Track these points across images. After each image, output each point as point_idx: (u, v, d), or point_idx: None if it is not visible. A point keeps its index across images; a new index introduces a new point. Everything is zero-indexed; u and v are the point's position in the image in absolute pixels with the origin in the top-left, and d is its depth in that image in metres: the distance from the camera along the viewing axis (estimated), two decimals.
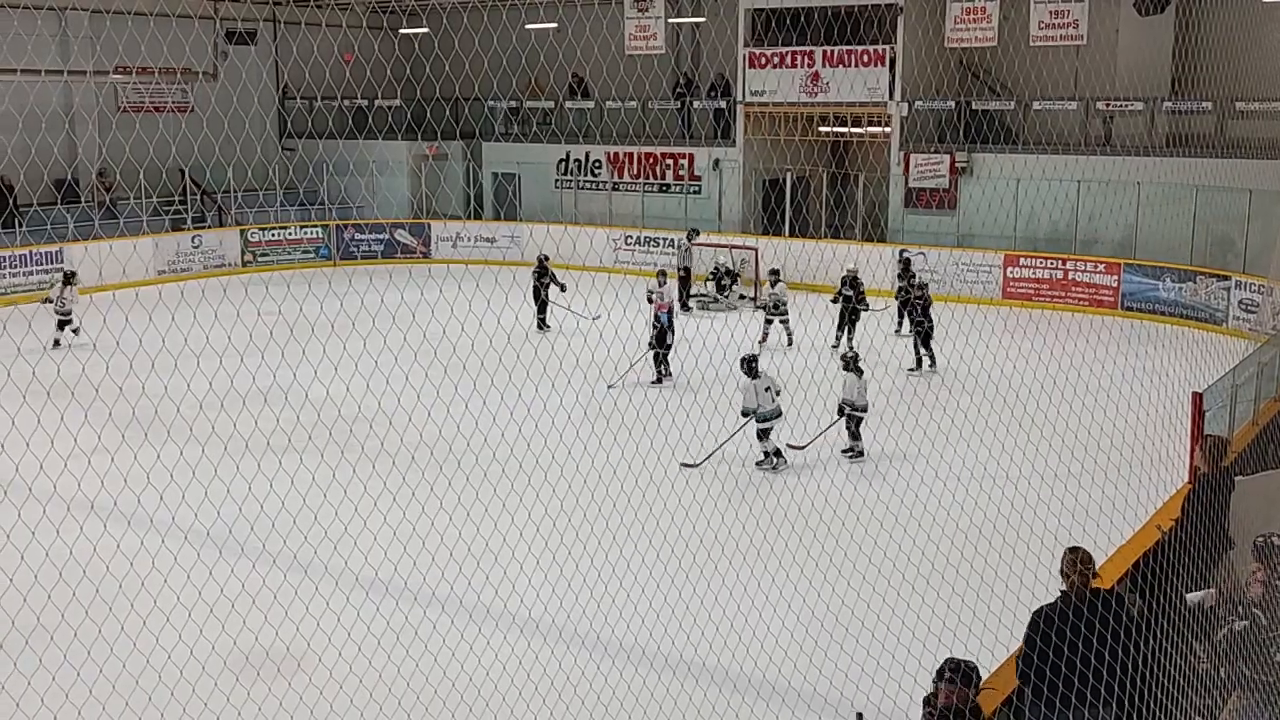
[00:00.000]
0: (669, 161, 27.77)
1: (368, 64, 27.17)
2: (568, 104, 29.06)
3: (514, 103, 29.49)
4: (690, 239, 23.44)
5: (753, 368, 13.09)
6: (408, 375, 10.05)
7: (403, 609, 8.99)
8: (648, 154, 27.83)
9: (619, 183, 28.39)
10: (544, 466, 11.35)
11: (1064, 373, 14.23)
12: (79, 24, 25.11)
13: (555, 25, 26.25)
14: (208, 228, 26.88)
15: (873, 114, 25.02)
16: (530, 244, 26.50)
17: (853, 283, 18.76)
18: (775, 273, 20.03)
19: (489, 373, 14.34)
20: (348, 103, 28.69)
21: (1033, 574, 7.70)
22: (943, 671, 5.39)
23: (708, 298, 23.10)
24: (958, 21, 23.69)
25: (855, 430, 13.52)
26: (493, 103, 29.44)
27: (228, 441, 10.93)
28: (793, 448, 13.40)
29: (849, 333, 18.63)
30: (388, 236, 28.70)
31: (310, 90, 28.80)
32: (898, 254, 23.63)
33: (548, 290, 20.33)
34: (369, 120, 29.01)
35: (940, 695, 5.34)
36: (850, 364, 13.53)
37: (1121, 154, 21.76)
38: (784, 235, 25.48)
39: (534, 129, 28.95)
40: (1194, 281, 21.11)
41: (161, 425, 11.41)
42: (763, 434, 13.13)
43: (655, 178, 27.98)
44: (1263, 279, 19.63)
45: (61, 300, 19.03)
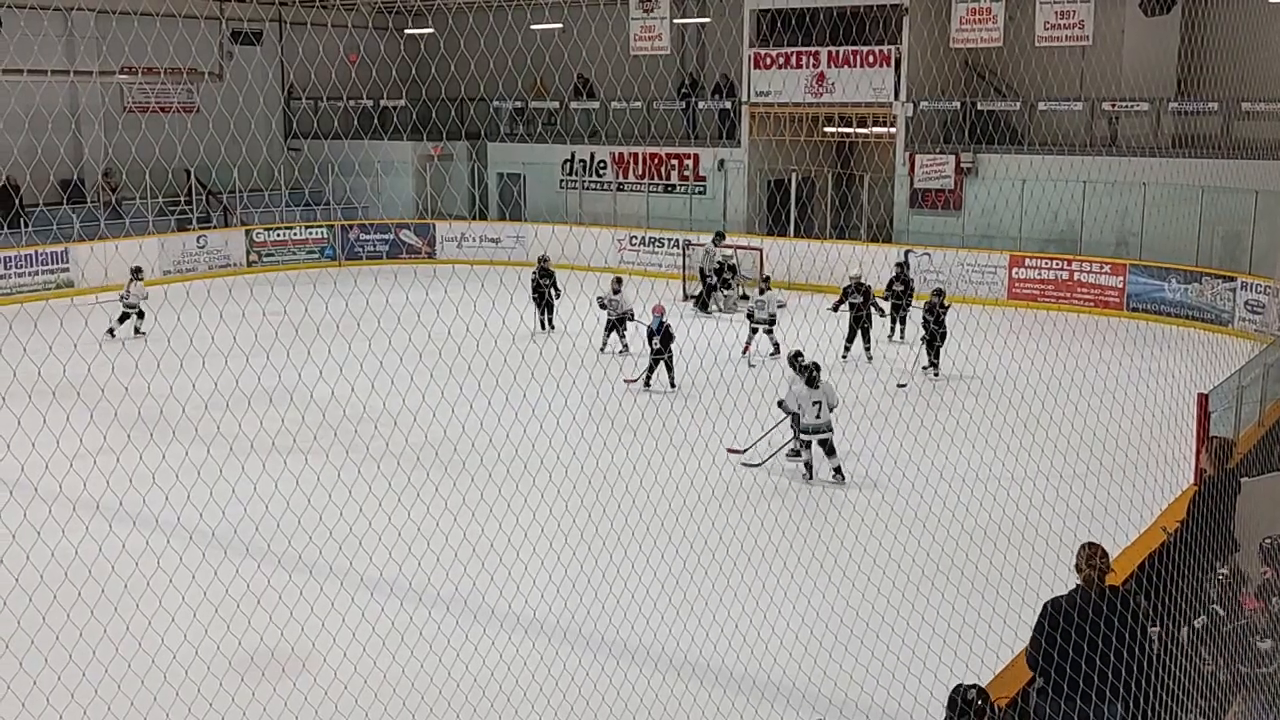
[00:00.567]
0: (674, 162, 27.77)
1: (373, 64, 27.18)
2: (573, 104, 29.07)
3: (519, 103, 29.52)
4: (716, 242, 23.08)
5: (812, 374, 12.46)
6: (412, 376, 10.06)
7: (407, 609, 8.99)
8: (652, 154, 27.83)
9: (624, 183, 28.38)
10: (548, 467, 11.35)
11: (1069, 374, 14.21)
12: (85, 24, 25.16)
13: (560, 26, 26.24)
14: (213, 228, 26.92)
15: (878, 114, 25.01)
16: (535, 244, 26.52)
17: (859, 289, 17.90)
18: (766, 280, 19.71)
19: (493, 373, 14.36)
20: (353, 103, 28.71)
21: (1038, 575, 7.70)
22: (954, 703, 5.34)
23: (728, 296, 22.90)
24: (963, 22, 23.66)
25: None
26: (498, 103, 29.45)
27: (233, 442, 10.95)
28: (732, 451, 13.20)
29: (864, 341, 17.92)
30: (392, 237, 28.71)
31: (315, 90, 28.82)
32: (902, 255, 23.72)
33: (551, 291, 20.28)
34: (374, 120, 29.06)
35: None
36: (794, 362, 13.43)
37: (1127, 155, 21.74)
38: (789, 236, 25.47)
39: (539, 129, 28.97)
40: (1200, 282, 21.08)
41: (167, 425, 11.41)
42: (805, 445, 12.76)
43: (660, 178, 27.98)
44: (1269, 280, 19.60)
45: (129, 294, 19.17)
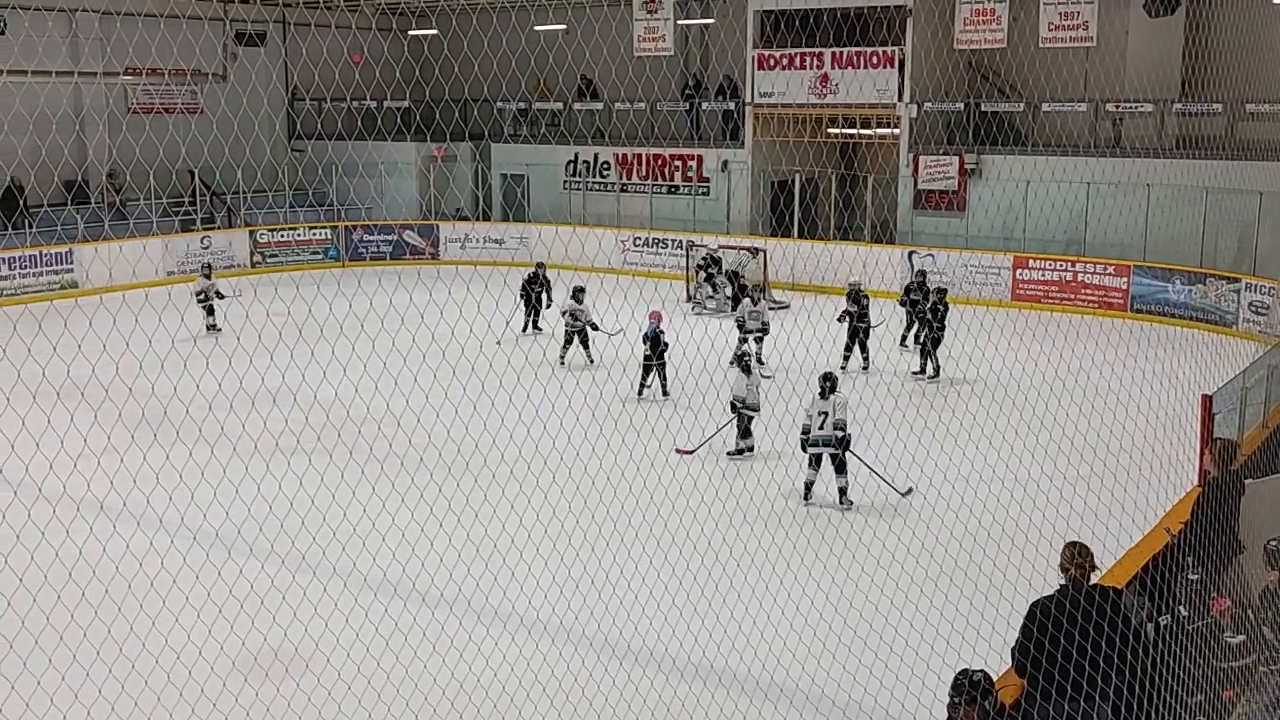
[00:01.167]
0: (677, 163, 27.77)
1: (377, 65, 27.24)
2: (576, 105, 29.08)
3: (523, 104, 29.55)
4: (752, 256, 22.88)
5: (826, 384, 12.11)
6: (416, 376, 10.04)
7: (411, 610, 8.99)
8: (656, 155, 27.83)
9: (627, 184, 28.39)
10: (552, 468, 11.36)
11: (1073, 375, 14.21)
12: (89, 25, 25.18)
13: (564, 27, 26.25)
14: (217, 229, 26.95)
15: (882, 116, 25.00)
16: (539, 245, 26.54)
17: (856, 297, 17.50)
18: (761, 289, 19.46)
19: (497, 374, 14.38)
20: (357, 104, 28.74)
21: (1041, 576, 7.68)
22: (961, 686, 5.34)
23: (714, 298, 22.91)
24: (967, 23, 23.65)
25: (746, 428, 13.46)
26: (501, 104, 29.47)
27: (236, 442, 10.96)
28: (681, 452, 13.20)
29: (862, 350, 17.56)
30: (396, 238, 28.73)
31: (319, 91, 28.88)
32: (906, 256, 23.70)
33: (539, 298, 20.16)
34: (378, 122, 29.10)
35: (960, 713, 5.30)
36: (741, 362, 13.40)
37: (1131, 156, 21.74)
38: (792, 237, 25.47)
39: (542, 130, 28.99)
40: (1204, 284, 21.06)
41: (170, 426, 11.42)
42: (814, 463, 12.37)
43: (664, 179, 27.98)
44: (1273, 281, 19.58)
45: (205, 291, 19.84)
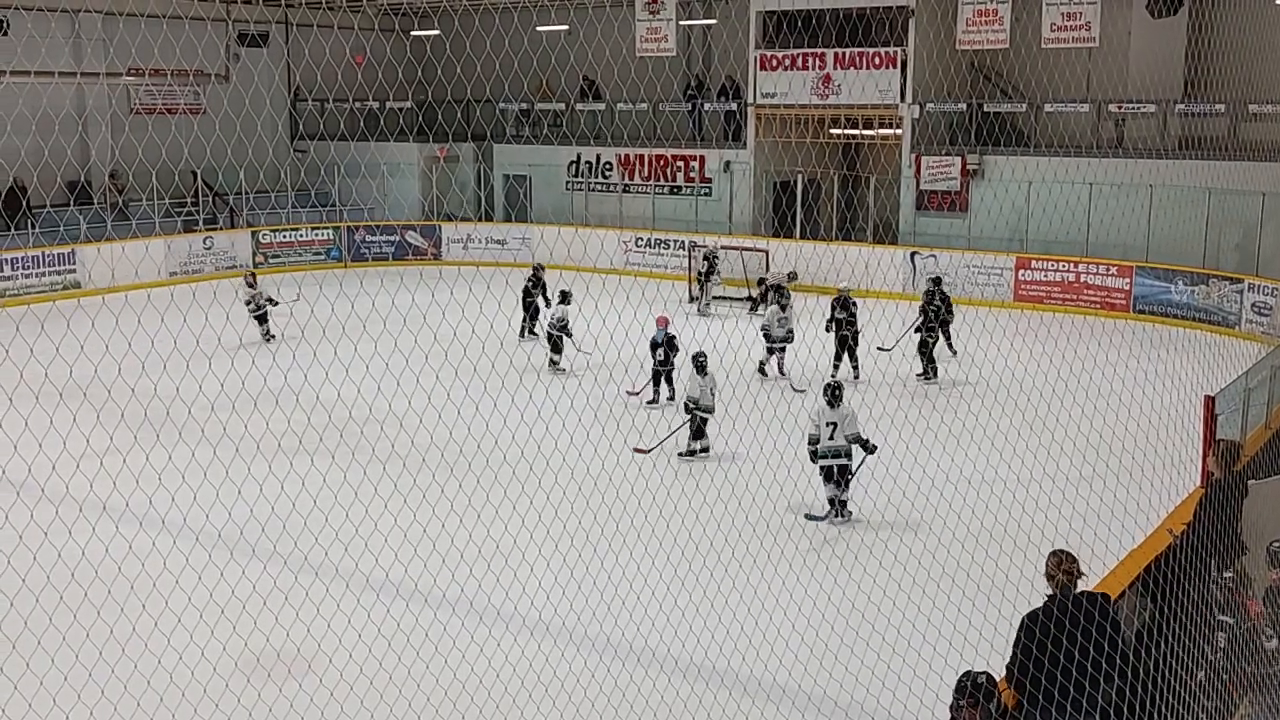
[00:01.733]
0: (680, 163, 27.76)
1: (379, 66, 27.27)
2: (578, 106, 29.07)
3: (525, 105, 29.55)
4: (790, 280, 21.62)
5: (834, 393, 11.77)
6: (418, 377, 10.05)
7: (413, 610, 8.99)
8: (658, 156, 27.83)
9: (629, 185, 28.39)
10: (554, 469, 11.35)
11: (1075, 376, 14.20)
12: (92, 26, 25.21)
13: (566, 27, 26.27)
14: (219, 229, 26.96)
15: (884, 116, 24.99)
16: (541, 246, 26.54)
17: (844, 304, 16.95)
18: (780, 289, 18.11)
19: (499, 374, 14.37)
20: (359, 105, 28.75)
21: (1044, 578, 7.67)
22: (964, 688, 5.33)
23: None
24: (969, 24, 23.64)
25: (700, 429, 13.44)
26: (503, 105, 29.49)
27: (239, 443, 10.95)
28: (639, 451, 13.22)
29: (851, 359, 16.94)
30: (398, 238, 28.75)
31: (321, 92, 28.91)
32: (908, 257, 23.69)
33: (540, 300, 19.92)
34: (380, 122, 29.10)
35: (964, 714, 5.30)
36: (696, 362, 13.36)
37: (1134, 156, 21.72)
38: (794, 238, 25.47)
39: (545, 131, 28.99)
40: (1206, 284, 21.04)
41: (173, 426, 11.44)
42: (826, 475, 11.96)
43: (666, 180, 27.98)
44: (1276, 281, 19.57)
45: (255, 299, 19.22)
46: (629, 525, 10.07)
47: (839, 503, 11.57)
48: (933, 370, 17.11)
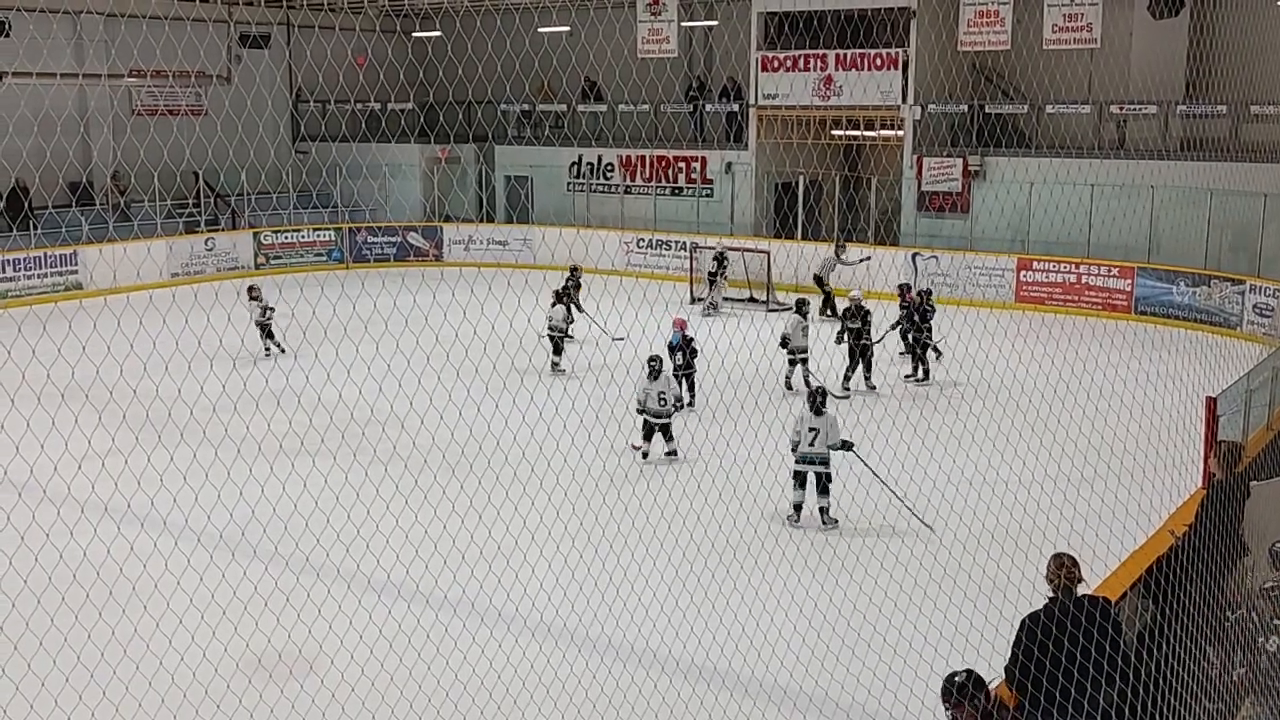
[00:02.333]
0: (681, 165, 27.77)
1: (380, 67, 27.26)
2: (580, 107, 29.10)
3: (526, 106, 29.57)
4: (839, 254, 22.00)
5: (818, 400, 11.65)
6: (420, 378, 10.06)
7: (414, 611, 8.99)
8: (660, 157, 27.85)
9: (631, 186, 28.40)
10: (555, 470, 11.35)
11: (1077, 377, 14.18)
12: (94, 27, 25.23)
13: (568, 29, 26.29)
14: (221, 230, 26.99)
15: (885, 117, 24.99)
16: (542, 247, 26.55)
17: (857, 313, 16.49)
18: (802, 302, 16.95)
19: (500, 375, 14.38)
20: (360, 106, 28.78)
21: (1045, 579, 7.67)
22: (949, 692, 5.33)
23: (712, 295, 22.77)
24: (971, 25, 23.65)
25: (667, 432, 13.47)
26: (505, 106, 29.50)
27: (241, 444, 10.95)
28: (636, 449, 13.49)
29: (865, 369, 16.57)
30: (400, 239, 28.76)
31: (323, 93, 28.91)
32: (909, 258, 23.67)
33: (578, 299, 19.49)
34: (381, 123, 29.11)
35: (964, 715, 5.29)
36: (650, 366, 13.38)
37: (1135, 158, 21.71)
38: (796, 239, 25.47)
39: (546, 132, 29.00)
40: (1208, 285, 21.03)
41: (175, 427, 11.44)
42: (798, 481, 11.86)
43: (667, 181, 27.99)
44: (1277, 283, 19.56)
45: (262, 312, 18.42)
46: (630, 526, 10.07)
47: (821, 509, 11.50)
48: (924, 371, 17.11)
